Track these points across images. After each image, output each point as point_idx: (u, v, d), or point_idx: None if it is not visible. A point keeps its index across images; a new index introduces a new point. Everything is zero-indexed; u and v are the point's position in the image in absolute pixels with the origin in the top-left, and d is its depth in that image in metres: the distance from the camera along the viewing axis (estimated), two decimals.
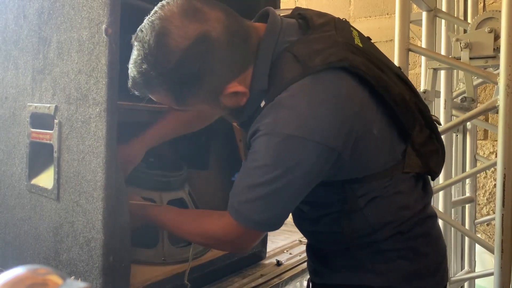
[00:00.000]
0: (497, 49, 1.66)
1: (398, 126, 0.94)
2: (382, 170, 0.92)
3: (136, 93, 0.90)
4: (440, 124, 1.09)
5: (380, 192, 0.93)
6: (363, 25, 3.05)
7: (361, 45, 0.93)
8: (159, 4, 0.87)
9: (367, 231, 0.94)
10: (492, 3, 2.75)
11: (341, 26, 0.94)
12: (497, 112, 1.56)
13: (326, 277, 1.03)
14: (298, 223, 1.06)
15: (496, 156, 1.71)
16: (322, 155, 0.85)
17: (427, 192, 1.03)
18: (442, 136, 1.92)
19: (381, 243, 0.95)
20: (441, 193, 2.01)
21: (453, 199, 2.20)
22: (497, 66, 1.75)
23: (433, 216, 1.03)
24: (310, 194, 0.90)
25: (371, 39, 1.02)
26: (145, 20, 0.87)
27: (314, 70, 0.84)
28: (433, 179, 1.06)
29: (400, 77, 0.99)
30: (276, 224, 0.92)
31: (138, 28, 0.87)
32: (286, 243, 1.70)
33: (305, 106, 0.84)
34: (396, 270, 0.95)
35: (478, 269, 2.40)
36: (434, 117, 1.05)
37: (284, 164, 0.85)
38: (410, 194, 0.97)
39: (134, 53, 0.87)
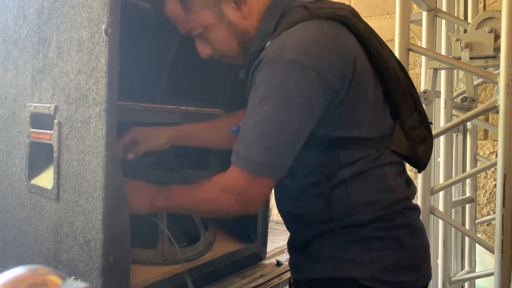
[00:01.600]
0: (497, 49, 1.66)
1: (389, 103, 0.98)
2: (369, 137, 0.94)
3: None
4: (431, 123, 1.13)
5: (365, 165, 0.94)
6: None
7: (364, 23, 0.99)
8: None
9: (348, 210, 0.94)
10: (493, 3, 2.75)
11: (350, 7, 1.01)
12: (497, 112, 1.56)
13: (308, 271, 1.01)
14: (280, 202, 1.05)
15: (496, 156, 1.71)
16: (321, 87, 0.87)
17: (411, 186, 1.04)
18: (442, 136, 1.94)
19: (364, 228, 0.94)
20: (441, 193, 2.01)
21: (453, 199, 2.20)
22: (497, 66, 1.75)
23: (417, 209, 1.04)
24: (294, 161, 0.91)
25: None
26: None
27: (320, 16, 0.91)
28: (419, 171, 1.08)
29: (395, 58, 1.04)
30: (280, 169, 0.91)
31: None
32: (286, 243, 1.70)
33: (310, 37, 0.89)
34: (380, 261, 0.94)
35: (478, 269, 2.40)
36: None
37: (286, 90, 0.87)
38: (395, 179, 0.98)
39: None
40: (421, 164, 1.04)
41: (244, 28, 0.99)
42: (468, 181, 2.38)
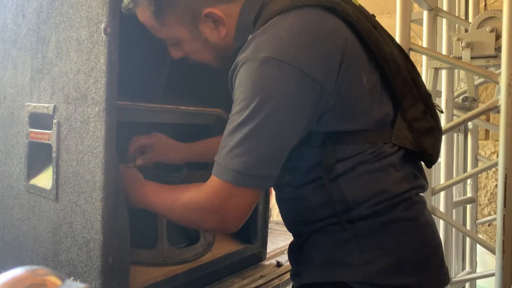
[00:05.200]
0: (498, 49, 1.66)
1: (389, 92, 0.91)
2: (367, 129, 0.87)
3: (124, 10, 0.95)
4: (442, 112, 1.06)
5: (361, 159, 0.87)
6: None
7: (357, 4, 0.94)
8: None
9: (342, 206, 0.87)
10: (494, 2, 2.75)
11: None
12: (498, 112, 1.56)
13: (302, 276, 0.95)
14: (281, 203, 1.00)
15: (497, 156, 1.70)
16: (303, 85, 0.81)
17: (419, 178, 0.96)
18: (443, 136, 1.93)
19: (356, 225, 0.87)
20: (442, 194, 2.00)
21: (454, 199, 2.19)
22: (498, 66, 1.74)
23: (420, 202, 0.94)
24: (291, 157, 0.86)
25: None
26: None
27: (301, 5, 0.85)
28: (429, 166, 0.99)
29: (395, 43, 0.98)
30: (264, 177, 0.83)
31: None
32: (286, 244, 1.69)
33: (285, 32, 0.83)
34: (374, 262, 0.86)
35: (479, 270, 2.40)
36: (436, 106, 1.01)
37: (262, 90, 0.80)
38: (395, 173, 0.89)
39: None
40: (428, 158, 0.95)
41: (223, 45, 0.95)
42: (469, 181, 2.38)
